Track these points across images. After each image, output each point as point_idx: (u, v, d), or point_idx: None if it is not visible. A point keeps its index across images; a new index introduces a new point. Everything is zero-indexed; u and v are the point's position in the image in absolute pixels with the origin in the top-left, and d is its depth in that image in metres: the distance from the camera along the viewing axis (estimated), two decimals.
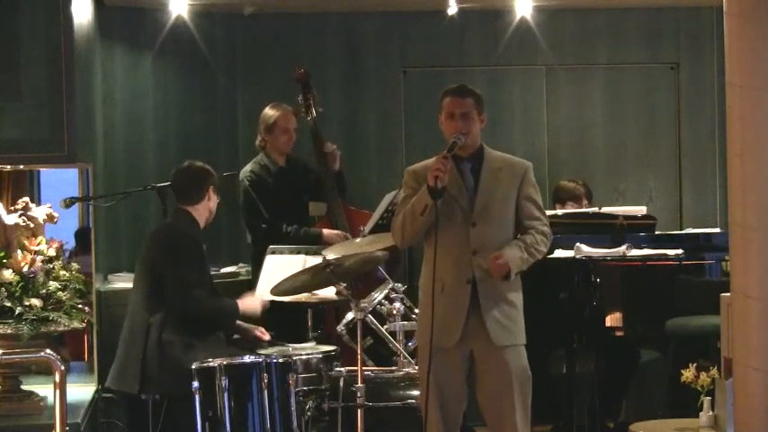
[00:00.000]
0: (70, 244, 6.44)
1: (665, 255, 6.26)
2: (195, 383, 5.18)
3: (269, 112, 6.75)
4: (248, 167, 6.73)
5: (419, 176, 4.84)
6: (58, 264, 5.51)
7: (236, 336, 5.98)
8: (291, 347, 5.62)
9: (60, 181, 6.71)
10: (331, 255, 5.41)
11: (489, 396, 4.83)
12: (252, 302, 5.90)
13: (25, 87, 5.89)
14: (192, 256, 5.73)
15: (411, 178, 4.91)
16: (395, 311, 5.57)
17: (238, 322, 5.90)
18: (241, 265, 7.30)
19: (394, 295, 5.63)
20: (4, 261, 5.37)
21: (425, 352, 4.73)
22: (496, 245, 4.78)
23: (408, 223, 4.80)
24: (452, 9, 7.71)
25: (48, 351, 4.41)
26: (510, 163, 4.96)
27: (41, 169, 6.53)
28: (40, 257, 5.45)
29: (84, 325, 5.64)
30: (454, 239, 4.78)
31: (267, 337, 5.94)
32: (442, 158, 4.70)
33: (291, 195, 6.74)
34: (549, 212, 6.52)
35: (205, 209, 5.89)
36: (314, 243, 6.36)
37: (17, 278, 5.35)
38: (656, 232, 6.71)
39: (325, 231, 6.61)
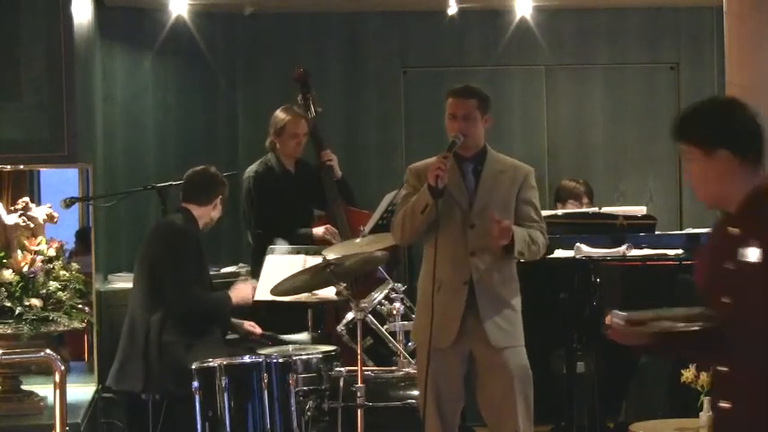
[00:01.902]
0: (70, 244, 6.45)
1: (665, 255, 6.25)
2: (195, 383, 5.18)
3: (279, 115, 6.70)
4: (253, 166, 6.71)
5: (420, 175, 4.84)
6: (58, 264, 5.51)
7: (229, 333, 6.02)
8: (291, 347, 5.63)
9: (60, 181, 6.71)
10: (331, 255, 5.41)
11: (490, 397, 4.82)
12: (243, 290, 5.92)
13: (25, 87, 5.89)
14: (190, 253, 5.74)
15: (412, 176, 4.91)
16: (395, 311, 5.57)
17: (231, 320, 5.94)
18: (241, 265, 7.30)
19: (394, 295, 5.63)
20: (4, 261, 5.37)
21: (423, 352, 4.73)
22: (494, 248, 4.77)
23: (408, 221, 4.80)
24: (452, 9, 7.71)
25: (48, 351, 4.41)
26: (512, 166, 4.95)
27: (41, 169, 6.54)
28: (40, 257, 5.45)
29: (84, 325, 5.63)
30: (452, 240, 4.78)
31: (258, 330, 5.96)
32: (441, 158, 4.71)
33: (295, 200, 6.69)
34: (549, 212, 6.55)
35: (207, 214, 5.92)
36: (306, 244, 6.35)
37: (17, 278, 5.34)
38: (656, 232, 6.71)
39: (315, 230, 6.59)
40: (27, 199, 5.65)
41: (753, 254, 3.03)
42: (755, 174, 3.13)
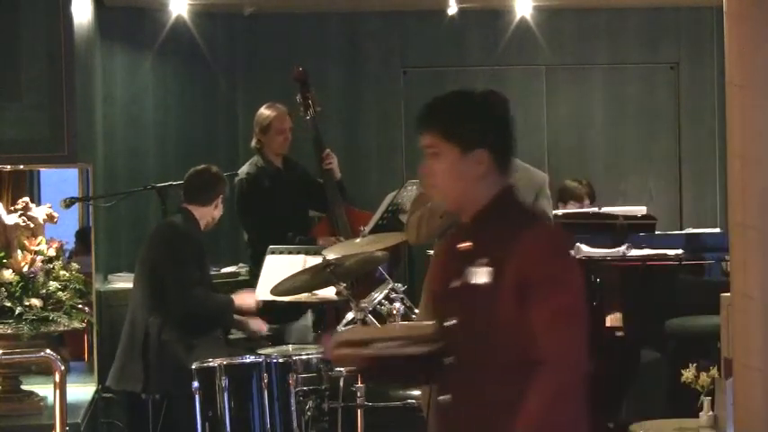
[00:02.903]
0: (70, 244, 6.44)
1: (665, 255, 6.25)
2: (195, 383, 5.18)
3: (264, 112, 6.70)
4: (244, 168, 6.71)
5: None
6: (58, 264, 5.50)
7: (235, 331, 6.01)
8: (291, 347, 5.63)
9: (60, 181, 6.71)
10: (331, 255, 5.41)
11: None
12: (247, 298, 5.93)
13: (25, 87, 5.89)
14: (192, 255, 5.74)
15: None
16: (395, 311, 5.56)
17: (235, 317, 5.93)
18: (241, 265, 7.30)
19: (394, 295, 5.63)
20: (4, 261, 5.37)
21: None
22: None
23: (425, 223, 4.80)
24: (452, 9, 7.72)
25: (48, 351, 4.41)
26: (527, 173, 4.93)
27: (41, 169, 6.54)
28: (40, 257, 5.44)
29: (84, 325, 5.63)
30: None
31: (266, 328, 5.94)
32: None
33: (289, 197, 6.69)
34: None
35: (208, 214, 5.91)
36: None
37: (17, 278, 5.34)
38: (657, 232, 6.71)
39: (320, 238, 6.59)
40: (27, 199, 5.65)
41: (480, 273, 2.72)
42: (502, 182, 2.84)
